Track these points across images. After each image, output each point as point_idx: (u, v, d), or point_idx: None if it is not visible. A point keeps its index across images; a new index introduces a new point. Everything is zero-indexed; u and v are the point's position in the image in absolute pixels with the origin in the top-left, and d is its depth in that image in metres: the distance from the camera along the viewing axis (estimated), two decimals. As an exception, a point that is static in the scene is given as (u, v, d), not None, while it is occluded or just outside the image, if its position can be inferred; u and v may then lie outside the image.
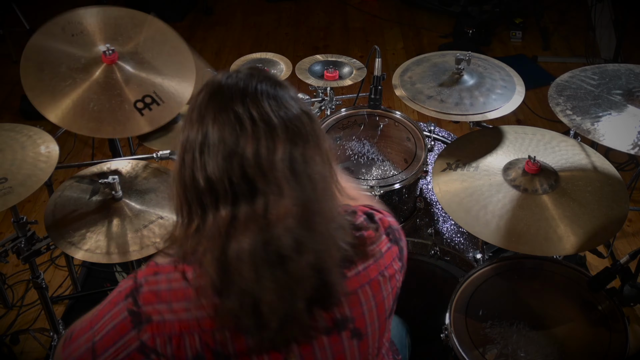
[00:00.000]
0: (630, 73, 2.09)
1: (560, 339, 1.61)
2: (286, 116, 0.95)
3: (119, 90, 1.91)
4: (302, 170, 0.95)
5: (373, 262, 1.07)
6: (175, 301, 1.00)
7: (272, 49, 4.00)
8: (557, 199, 1.75)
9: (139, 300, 1.02)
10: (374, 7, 4.93)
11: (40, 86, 1.91)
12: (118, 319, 1.03)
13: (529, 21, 4.45)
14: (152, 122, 1.87)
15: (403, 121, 2.14)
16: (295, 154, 0.94)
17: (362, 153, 2.05)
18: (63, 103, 1.86)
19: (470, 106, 2.02)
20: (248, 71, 1.01)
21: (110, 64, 1.99)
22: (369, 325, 1.07)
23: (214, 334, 1.00)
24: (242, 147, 0.92)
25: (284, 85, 1.01)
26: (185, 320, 1.00)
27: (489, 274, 1.78)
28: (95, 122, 1.84)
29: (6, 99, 3.89)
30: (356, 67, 2.38)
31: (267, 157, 0.92)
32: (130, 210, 1.83)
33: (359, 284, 1.05)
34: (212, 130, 0.93)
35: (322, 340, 1.04)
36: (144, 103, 1.89)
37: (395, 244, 1.12)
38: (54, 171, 1.82)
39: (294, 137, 0.95)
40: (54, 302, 2.58)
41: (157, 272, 1.04)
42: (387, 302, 1.10)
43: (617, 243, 2.81)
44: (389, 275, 1.09)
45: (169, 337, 1.01)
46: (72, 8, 2.07)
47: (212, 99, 0.97)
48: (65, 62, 1.95)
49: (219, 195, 0.94)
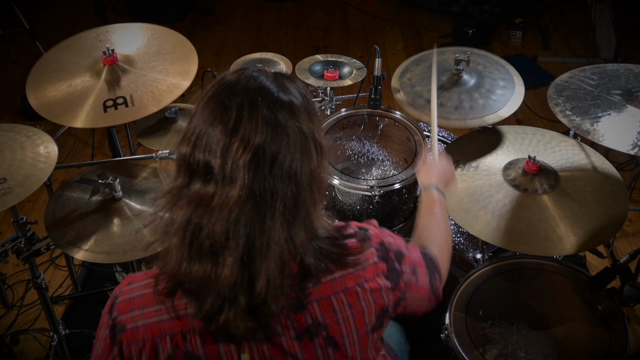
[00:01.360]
0: (629, 73, 2.08)
1: (560, 339, 1.61)
2: (276, 123, 0.96)
3: (99, 89, 1.96)
4: (266, 179, 0.95)
5: (353, 271, 1.06)
6: (147, 306, 1.02)
7: (272, 49, 4.01)
8: (557, 199, 1.75)
9: (114, 313, 1.04)
10: (374, 7, 4.93)
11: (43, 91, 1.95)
12: (102, 342, 1.05)
13: (529, 21, 4.45)
14: (111, 120, 1.90)
15: (403, 121, 2.14)
16: (267, 158, 0.94)
17: (362, 153, 2.06)
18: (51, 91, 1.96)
19: (470, 109, 1.99)
20: (266, 72, 1.02)
21: (111, 65, 1.99)
22: (345, 337, 1.06)
23: (184, 333, 1.01)
24: (215, 134, 0.95)
25: (295, 94, 1.01)
26: (156, 323, 1.02)
27: (489, 274, 1.78)
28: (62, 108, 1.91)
29: (6, 99, 3.89)
30: (356, 67, 2.38)
31: (235, 152, 0.93)
32: (130, 210, 1.83)
33: (333, 291, 1.04)
34: (203, 107, 0.98)
35: (292, 344, 1.03)
36: (114, 102, 1.92)
37: (384, 261, 1.10)
38: (54, 171, 1.82)
39: (274, 144, 0.95)
40: (54, 302, 2.58)
41: (130, 282, 1.07)
42: (368, 316, 1.08)
43: (617, 243, 2.81)
44: (370, 289, 1.07)
45: (142, 343, 1.02)
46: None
47: (217, 84, 1.00)
48: (70, 71, 2.03)
49: (183, 166, 0.99)
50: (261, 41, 4.51)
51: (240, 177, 0.94)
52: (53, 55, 2.11)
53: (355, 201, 1.96)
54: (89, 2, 4.21)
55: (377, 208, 1.94)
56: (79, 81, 1.98)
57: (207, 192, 0.95)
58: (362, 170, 1.99)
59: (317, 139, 1.02)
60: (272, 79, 1.01)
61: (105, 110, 1.89)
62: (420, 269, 1.17)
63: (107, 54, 1.99)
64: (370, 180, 1.94)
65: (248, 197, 0.94)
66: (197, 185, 0.96)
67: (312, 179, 1.00)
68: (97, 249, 1.72)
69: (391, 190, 1.92)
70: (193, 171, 0.97)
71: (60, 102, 1.93)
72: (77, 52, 2.10)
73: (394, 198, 1.97)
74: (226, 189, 0.94)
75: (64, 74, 2.02)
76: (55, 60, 2.08)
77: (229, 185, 0.94)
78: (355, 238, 1.09)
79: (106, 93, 1.94)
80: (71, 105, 1.91)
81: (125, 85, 1.96)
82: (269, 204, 0.96)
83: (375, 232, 1.13)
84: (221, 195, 0.94)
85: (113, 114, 1.89)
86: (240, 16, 4.88)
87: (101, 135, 3.49)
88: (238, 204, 0.94)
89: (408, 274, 1.14)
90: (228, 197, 0.94)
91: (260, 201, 0.95)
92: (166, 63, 2.04)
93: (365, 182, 1.92)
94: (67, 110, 1.90)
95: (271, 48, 4.36)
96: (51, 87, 1.97)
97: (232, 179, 0.94)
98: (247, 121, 0.94)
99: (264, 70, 1.03)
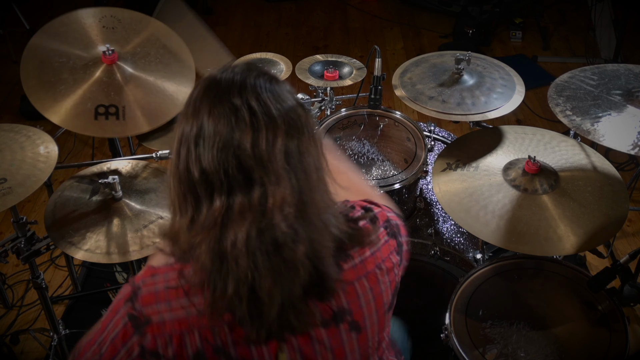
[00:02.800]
0: (629, 73, 2.08)
1: (560, 339, 1.61)
2: (283, 108, 0.96)
3: (95, 88, 1.90)
4: (297, 161, 0.96)
5: (370, 254, 1.07)
6: (174, 300, 1.00)
7: (272, 49, 4.01)
8: (557, 199, 1.75)
9: (138, 304, 1.02)
10: (374, 7, 4.93)
11: (40, 86, 1.91)
12: (120, 326, 1.02)
13: (529, 21, 4.44)
14: (100, 131, 1.86)
15: (403, 121, 2.14)
16: (291, 145, 0.95)
17: (362, 153, 2.05)
18: (57, 95, 1.88)
19: (472, 106, 2.02)
20: (244, 66, 1.01)
21: (110, 64, 1.99)
22: (367, 319, 1.07)
23: (213, 329, 1.00)
24: (238, 139, 0.93)
25: (279, 79, 1.02)
26: (184, 317, 1.00)
27: (489, 274, 1.78)
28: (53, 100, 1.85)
29: (6, 99, 3.89)
30: (356, 67, 2.38)
31: (266, 148, 0.93)
32: (130, 210, 1.83)
33: (356, 276, 1.05)
34: (208, 122, 0.94)
35: (320, 332, 1.04)
36: (105, 108, 1.87)
37: (393, 238, 1.12)
38: (54, 171, 1.82)
39: (290, 129, 0.96)
40: (54, 302, 2.58)
41: (154, 274, 1.04)
42: (386, 295, 1.10)
43: (617, 243, 2.81)
44: (387, 269, 1.09)
45: (169, 337, 1.01)
46: (71, 9, 2.07)
47: (208, 92, 0.97)
48: (66, 62, 1.95)
49: (214, 186, 0.94)
50: (261, 41, 4.51)
51: (283, 169, 0.93)
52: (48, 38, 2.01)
53: (355, 201, 1.96)
54: (89, 2, 4.22)
55: (377, 208, 1.94)
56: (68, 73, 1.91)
57: (255, 199, 0.93)
58: (362, 170, 1.99)
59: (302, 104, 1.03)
60: (256, 72, 1.00)
61: (97, 118, 1.83)
62: (405, 234, 1.18)
63: (107, 53, 1.99)
64: (370, 180, 1.94)
65: (293, 186, 0.94)
66: (240, 196, 0.93)
67: (320, 142, 1.02)
68: (97, 249, 1.72)
69: (391, 190, 1.92)
70: (231, 186, 0.94)
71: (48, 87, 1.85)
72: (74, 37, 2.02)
73: (394, 198, 1.97)
74: (276, 185, 0.93)
75: (67, 84, 1.94)
76: (46, 63, 1.97)
77: (276, 180, 0.93)
78: (366, 220, 1.10)
79: (99, 96, 1.88)
80: (55, 95, 1.85)
81: (120, 91, 1.91)
82: (308, 182, 0.96)
83: (379, 210, 1.14)
84: (274, 194, 0.93)
85: (103, 123, 1.83)
86: (240, 16, 4.88)
87: (101, 135, 3.49)
88: (292, 196, 0.94)
89: (405, 244, 1.16)
90: (282, 193, 0.93)
91: (305, 179, 0.96)
92: (166, 70, 2.02)
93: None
94: (49, 98, 1.83)
95: (271, 48, 4.36)
96: (59, 94, 1.89)
97: (277, 175, 0.93)
98: (262, 115, 0.94)
99: (239, 65, 1.02)
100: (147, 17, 2.09)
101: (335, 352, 1.06)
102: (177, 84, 1.97)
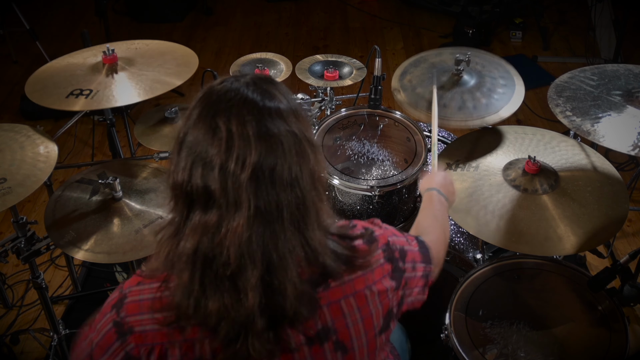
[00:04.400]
0: (629, 73, 2.08)
1: (560, 339, 1.61)
2: (267, 134, 0.94)
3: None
4: (269, 188, 0.93)
5: (361, 274, 1.06)
6: (157, 311, 1.00)
7: (272, 49, 4.01)
8: (557, 199, 1.75)
9: (122, 312, 1.02)
10: (374, 7, 4.93)
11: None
12: (105, 330, 1.04)
13: (529, 21, 4.45)
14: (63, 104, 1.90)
15: (403, 121, 2.14)
16: (265, 171, 0.93)
17: (362, 153, 2.05)
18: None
19: (474, 109, 1.99)
20: (248, 79, 0.99)
21: (110, 64, 2.00)
22: (354, 340, 1.05)
23: (194, 344, 1.00)
24: (210, 157, 0.92)
25: (279, 98, 0.99)
26: (165, 330, 1.00)
27: (489, 274, 1.78)
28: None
29: (6, 99, 3.89)
30: (356, 67, 2.38)
31: (233, 173, 0.92)
32: (130, 210, 1.83)
33: (342, 295, 1.04)
34: (192, 130, 0.95)
35: (303, 350, 1.03)
36: (80, 90, 1.93)
37: (389, 262, 1.10)
38: (54, 171, 1.82)
39: (268, 155, 0.93)
40: (54, 302, 2.58)
41: (140, 282, 1.05)
42: (376, 318, 1.08)
43: (617, 243, 2.81)
44: (377, 291, 1.07)
45: (151, 348, 1.00)
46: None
47: (201, 101, 0.98)
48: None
49: (180, 196, 0.96)
50: (261, 41, 4.51)
51: (245, 198, 0.92)
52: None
53: (355, 201, 1.96)
54: (89, 2, 4.21)
55: (377, 208, 1.94)
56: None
57: (211, 220, 0.93)
58: (362, 170, 1.99)
59: (308, 137, 1.00)
60: (254, 87, 0.98)
61: (67, 96, 1.90)
62: (418, 262, 1.17)
63: (107, 53, 2.01)
64: (370, 180, 1.94)
65: (255, 216, 0.93)
66: (198, 213, 0.94)
67: (314, 178, 1.00)
68: (97, 249, 1.72)
69: (391, 190, 1.92)
70: (192, 199, 0.95)
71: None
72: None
73: (394, 198, 1.97)
74: (232, 213, 0.93)
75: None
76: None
77: (234, 209, 0.93)
78: (363, 239, 1.09)
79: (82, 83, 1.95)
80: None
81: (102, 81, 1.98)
82: (276, 217, 0.95)
83: (381, 233, 1.13)
84: (229, 220, 0.93)
85: (73, 100, 1.90)
86: (240, 16, 4.88)
87: (101, 135, 3.49)
88: (248, 225, 0.93)
89: (409, 270, 1.14)
90: (237, 221, 0.92)
91: (268, 216, 0.94)
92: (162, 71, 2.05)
93: (365, 182, 1.92)
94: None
95: (271, 48, 4.36)
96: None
97: (237, 202, 0.92)
98: (238, 139, 0.92)
99: (242, 77, 1.00)
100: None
101: None
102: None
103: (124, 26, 4.63)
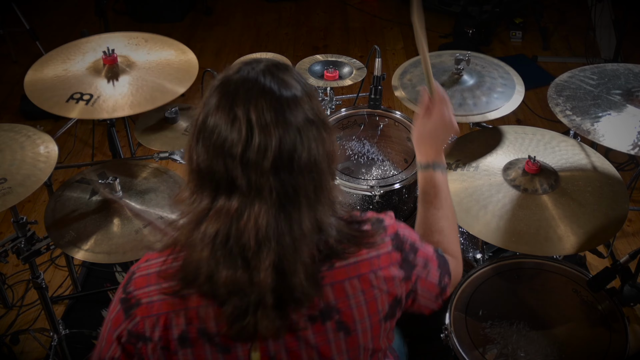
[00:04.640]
0: (629, 73, 2.08)
1: (560, 339, 1.61)
2: (285, 122, 0.95)
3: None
4: (288, 178, 0.96)
5: (367, 258, 1.07)
6: (164, 281, 1.03)
7: (272, 49, 4.01)
8: (557, 199, 1.75)
9: (130, 287, 1.06)
10: (374, 7, 4.93)
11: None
12: (113, 314, 1.07)
13: (529, 21, 4.45)
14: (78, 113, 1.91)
15: (403, 121, 2.14)
16: (285, 160, 0.95)
17: (362, 153, 2.06)
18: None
19: (474, 106, 2.01)
20: (264, 67, 1.00)
21: (111, 65, 2.00)
22: (357, 322, 1.06)
23: (199, 311, 1.02)
24: (229, 146, 0.94)
25: (294, 85, 1.00)
26: (172, 299, 1.02)
27: (489, 274, 1.78)
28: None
29: (6, 99, 3.89)
30: (356, 67, 2.38)
31: (255, 162, 0.94)
32: (130, 210, 1.83)
33: (347, 276, 1.05)
34: (211, 118, 0.96)
35: (307, 329, 1.04)
36: (80, 94, 1.94)
37: (399, 251, 1.11)
38: (54, 171, 1.82)
39: (289, 144, 0.95)
40: (54, 302, 2.58)
41: (148, 259, 1.08)
42: (381, 303, 1.08)
43: (617, 243, 2.81)
44: (383, 277, 1.07)
45: (157, 318, 1.03)
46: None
47: (219, 90, 0.98)
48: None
49: (205, 182, 0.98)
50: (261, 41, 4.51)
51: (266, 186, 0.94)
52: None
53: (355, 201, 1.96)
54: (89, 2, 4.21)
55: (377, 208, 1.94)
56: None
57: (234, 206, 0.96)
58: (362, 170, 2.00)
59: (323, 119, 1.02)
60: (270, 76, 0.99)
61: (68, 100, 1.91)
62: (432, 264, 1.17)
63: (107, 53, 2.00)
64: (370, 180, 1.94)
65: (275, 202, 0.95)
66: (223, 199, 0.96)
67: (329, 159, 1.02)
68: (97, 249, 1.72)
69: (391, 190, 1.92)
70: (217, 185, 0.97)
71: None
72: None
73: (394, 198, 1.97)
74: (254, 201, 0.95)
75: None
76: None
77: (255, 197, 0.95)
78: (370, 223, 1.10)
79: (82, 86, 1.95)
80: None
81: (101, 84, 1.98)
82: (293, 201, 0.97)
83: (391, 223, 1.13)
84: (251, 207, 0.95)
85: (73, 106, 1.90)
86: (240, 16, 4.88)
87: (101, 135, 3.49)
88: (268, 211, 0.95)
89: (420, 267, 1.14)
90: (257, 207, 0.95)
91: (286, 200, 0.96)
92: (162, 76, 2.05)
93: (365, 182, 1.92)
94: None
95: (271, 48, 4.36)
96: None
97: (258, 190, 0.95)
98: (258, 129, 0.94)
99: (257, 63, 1.01)
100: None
101: (320, 350, 1.06)
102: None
103: (123, 26, 4.61)
